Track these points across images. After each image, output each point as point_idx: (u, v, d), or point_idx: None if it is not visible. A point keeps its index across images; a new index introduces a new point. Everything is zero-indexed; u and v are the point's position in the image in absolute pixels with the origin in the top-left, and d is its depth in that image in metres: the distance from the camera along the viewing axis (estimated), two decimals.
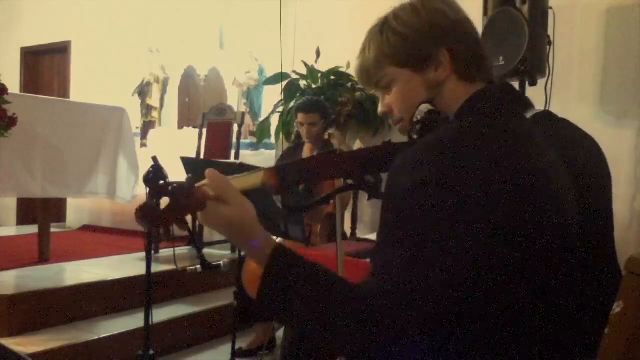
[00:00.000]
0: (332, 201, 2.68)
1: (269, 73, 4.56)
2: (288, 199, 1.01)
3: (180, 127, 5.34)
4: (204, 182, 0.88)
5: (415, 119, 0.96)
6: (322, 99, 3.39)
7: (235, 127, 4.16)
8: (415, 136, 0.96)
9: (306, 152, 3.05)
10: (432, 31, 0.93)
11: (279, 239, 2.77)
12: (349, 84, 3.92)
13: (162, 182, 0.94)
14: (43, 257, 3.38)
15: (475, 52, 0.96)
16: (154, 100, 5.38)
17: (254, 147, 4.60)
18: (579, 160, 0.95)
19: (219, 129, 4.21)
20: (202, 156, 4.19)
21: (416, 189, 0.78)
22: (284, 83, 4.01)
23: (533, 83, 2.64)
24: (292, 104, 3.85)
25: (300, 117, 2.98)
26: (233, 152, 4.14)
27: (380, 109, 1.04)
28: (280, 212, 2.09)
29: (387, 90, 1.00)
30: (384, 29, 0.98)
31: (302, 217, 2.31)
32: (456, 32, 0.94)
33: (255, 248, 0.85)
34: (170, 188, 0.88)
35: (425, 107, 0.95)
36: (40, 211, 3.39)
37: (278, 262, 0.83)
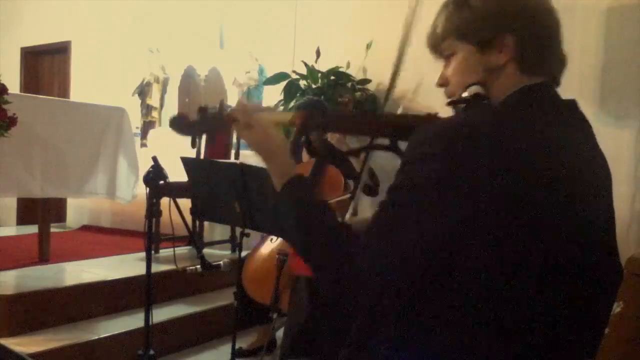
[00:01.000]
0: (331, 202, 2.68)
1: (269, 73, 4.56)
2: (316, 145, 1.06)
3: None
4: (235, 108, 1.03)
5: (461, 98, 0.96)
6: (322, 99, 3.39)
7: None
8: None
9: (305, 157, 3.05)
10: (505, 14, 0.92)
11: (279, 239, 2.78)
12: (349, 84, 3.92)
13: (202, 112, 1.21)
14: (43, 257, 3.38)
15: (544, 45, 0.94)
16: (154, 100, 5.37)
17: None
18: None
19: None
20: (202, 156, 4.19)
21: (421, 160, 0.83)
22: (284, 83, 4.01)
23: None
24: (292, 104, 3.85)
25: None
26: (233, 152, 4.14)
27: (437, 81, 1.03)
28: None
29: (448, 63, 1.00)
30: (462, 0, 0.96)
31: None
32: (529, 21, 0.93)
33: (277, 169, 0.98)
34: (203, 111, 1.09)
35: (474, 89, 0.94)
36: (40, 211, 3.39)
37: (293, 184, 0.96)
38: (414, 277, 0.81)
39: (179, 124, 1.08)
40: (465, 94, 0.95)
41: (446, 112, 1.02)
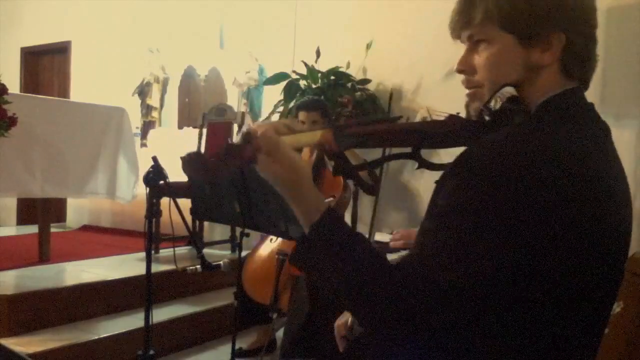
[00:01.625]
0: (330, 201, 2.68)
1: (269, 73, 4.55)
2: (341, 166, 0.93)
3: (180, 127, 5.33)
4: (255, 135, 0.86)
5: (494, 101, 0.87)
6: (322, 99, 3.39)
7: (235, 127, 4.16)
8: (487, 118, 0.88)
9: (305, 152, 3.05)
10: (562, 11, 0.85)
11: (278, 239, 2.78)
12: (349, 84, 3.92)
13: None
14: (43, 257, 3.38)
15: (588, 49, 0.89)
16: (154, 100, 5.37)
17: None
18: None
19: (219, 129, 4.22)
20: None
21: (493, 182, 0.76)
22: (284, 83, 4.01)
23: None
24: (292, 104, 3.85)
25: (302, 115, 2.98)
26: None
27: (457, 65, 0.93)
28: (281, 210, 2.09)
29: (475, 49, 0.91)
30: None
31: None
32: (583, 22, 0.87)
33: (299, 208, 0.85)
34: (228, 142, 0.88)
35: (508, 92, 0.86)
36: (40, 211, 3.39)
37: (325, 222, 0.83)
38: (479, 305, 0.77)
39: (197, 166, 0.90)
40: (499, 98, 0.87)
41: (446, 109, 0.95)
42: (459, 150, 0.85)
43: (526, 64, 0.87)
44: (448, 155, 0.85)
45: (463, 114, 0.94)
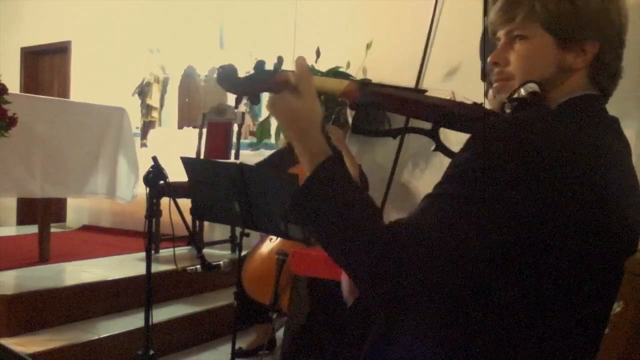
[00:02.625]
0: None
1: None
2: (358, 119, 1.00)
3: (180, 127, 5.33)
4: (292, 69, 0.91)
5: (517, 94, 0.91)
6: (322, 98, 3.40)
7: (235, 127, 4.16)
8: (508, 110, 0.93)
9: None
10: (602, 22, 0.90)
11: (278, 239, 2.78)
12: None
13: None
14: (43, 257, 3.38)
15: (616, 63, 0.94)
16: (154, 100, 5.37)
17: (254, 147, 4.59)
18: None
19: (219, 129, 4.21)
20: (202, 156, 4.19)
21: (488, 156, 0.79)
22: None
23: None
24: None
25: None
26: (233, 152, 4.14)
27: (492, 57, 0.97)
28: (281, 210, 2.09)
29: (511, 44, 0.95)
30: None
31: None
32: (617, 35, 0.92)
33: (308, 148, 0.88)
34: (259, 66, 0.93)
35: (530, 87, 0.90)
36: (40, 211, 3.39)
37: (330, 162, 0.86)
38: (464, 274, 0.77)
39: (229, 79, 0.95)
40: (522, 91, 0.91)
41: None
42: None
43: (559, 65, 0.91)
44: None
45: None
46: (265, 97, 0.95)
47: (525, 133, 0.80)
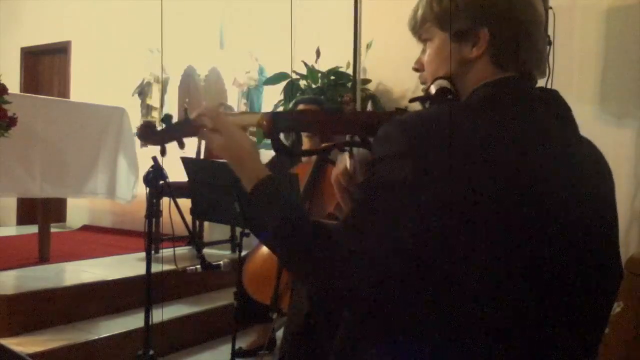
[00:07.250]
0: (335, 200, 2.68)
1: (269, 73, 4.55)
2: (276, 145, 1.07)
3: None
4: (202, 113, 1.02)
5: (428, 93, 0.96)
6: (322, 98, 3.42)
7: None
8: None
9: (305, 144, 3.05)
10: (482, 7, 0.92)
11: None
12: (349, 84, 3.92)
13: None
14: (43, 257, 3.38)
15: (520, 40, 0.92)
16: (154, 100, 5.37)
17: None
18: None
19: None
20: (202, 156, 4.19)
21: (390, 158, 0.82)
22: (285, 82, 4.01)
23: None
24: (292, 104, 3.85)
25: (302, 107, 3.03)
26: None
27: (414, 64, 1.06)
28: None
29: (424, 49, 1.02)
30: None
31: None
32: (506, 16, 0.92)
33: (245, 175, 0.97)
34: (167, 120, 1.09)
35: (439, 84, 0.95)
36: (40, 211, 3.39)
37: (261, 183, 0.95)
38: (390, 280, 0.80)
39: (145, 133, 1.08)
40: (432, 88, 0.95)
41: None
42: None
43: (460, 59, 0.94)
44: None
45: None
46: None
47: (423, 127, 0.83)
